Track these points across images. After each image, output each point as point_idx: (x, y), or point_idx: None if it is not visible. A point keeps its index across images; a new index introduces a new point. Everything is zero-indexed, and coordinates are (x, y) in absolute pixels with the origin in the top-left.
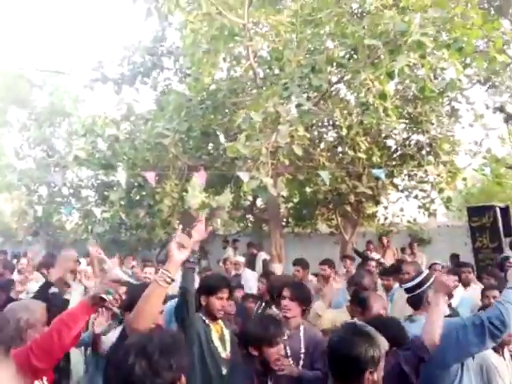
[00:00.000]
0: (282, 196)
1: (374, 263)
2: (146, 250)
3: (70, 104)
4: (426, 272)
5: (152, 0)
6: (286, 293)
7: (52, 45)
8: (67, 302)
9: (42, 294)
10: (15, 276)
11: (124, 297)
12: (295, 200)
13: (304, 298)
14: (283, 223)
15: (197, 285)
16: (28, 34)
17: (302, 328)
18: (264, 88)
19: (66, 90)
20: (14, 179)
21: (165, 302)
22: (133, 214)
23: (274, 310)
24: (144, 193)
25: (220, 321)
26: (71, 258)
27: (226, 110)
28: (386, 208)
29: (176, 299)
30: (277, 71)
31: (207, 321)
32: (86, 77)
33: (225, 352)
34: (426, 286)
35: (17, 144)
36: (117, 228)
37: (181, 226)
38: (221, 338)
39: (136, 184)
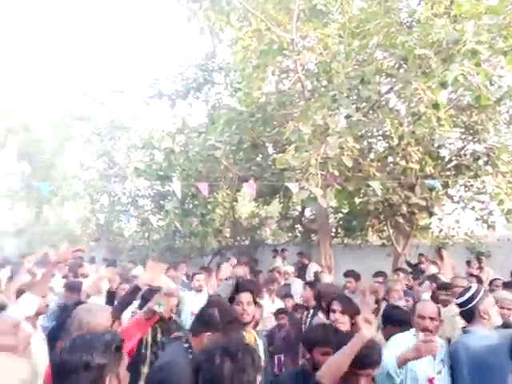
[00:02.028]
0: (331, 207)
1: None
2: (198, 258)
3: (129, 119)
4: (475, 286)
5: (204, 19)
6: (336, 306)
7: (113, 64)
8: None
9: (130, 296)
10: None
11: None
12: (344, 211)
13: (353, 312)
14: (332, 234)
15: None
16: (92, 55)
17: None
18: (312, 100)
19: (125, 106)
20: (79, 189)
21: None
22: (186, 223)
23: (321, 316)
24: (197, 202)
25: (252, 330)
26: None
27: (275, 123)
28: (440, 220)
29: None
30: (325, 83)
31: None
32: (143, 93)
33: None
34: (476, 300)
35: (81, 156)
36: (171, 236)
37: None
38: (255, 347)
39: (190, 194)
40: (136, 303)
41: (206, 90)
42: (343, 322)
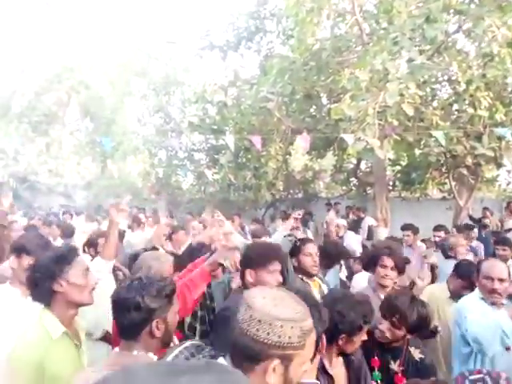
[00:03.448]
0: (389, 158)
1: None
2: (252, 210)
3: (182, 73)
4: None
5: None
6: (387, 262)
7: (164, 17)
8: None
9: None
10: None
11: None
12: (403, 163)
13: (402, 268)
14: (389, 187)
15: None
16: (144, 9)
17: None
18: (371, 44)
19: (178, 60)
20: (138, 144)
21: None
22: (240, 176)
23: None
24: (250, 156)
25: (317, 278)
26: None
27: (330, 70)
28: (509, 172)
29: None
30: (385, 25)
31: (305, 278)
32: (195, 46)
33: None
34: None
35: (138, 112)
36: (226, 188)
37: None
38: (320, 293)
39: (243, 147)
40: None
41: (258, 39)
42: (392, 278)
